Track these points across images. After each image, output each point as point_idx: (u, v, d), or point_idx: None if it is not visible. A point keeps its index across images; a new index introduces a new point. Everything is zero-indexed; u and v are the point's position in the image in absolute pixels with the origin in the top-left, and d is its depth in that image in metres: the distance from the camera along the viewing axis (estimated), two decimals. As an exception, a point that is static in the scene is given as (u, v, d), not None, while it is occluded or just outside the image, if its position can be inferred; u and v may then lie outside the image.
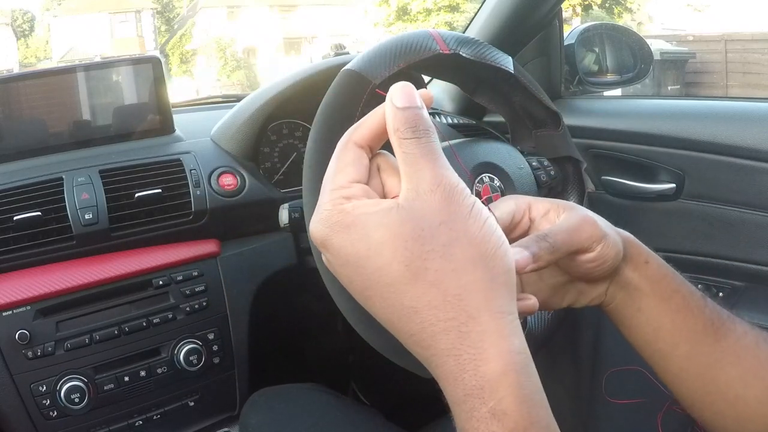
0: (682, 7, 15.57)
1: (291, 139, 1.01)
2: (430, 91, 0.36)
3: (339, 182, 0.34)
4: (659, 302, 0.46)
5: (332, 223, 0.33)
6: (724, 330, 0.46)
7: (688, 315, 0.46)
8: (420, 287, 0.31)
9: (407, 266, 0.31)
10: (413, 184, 0.32)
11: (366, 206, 0.33)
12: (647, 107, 1.06)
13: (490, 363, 0.30)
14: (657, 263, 0.48)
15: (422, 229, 0.31)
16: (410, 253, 0.31)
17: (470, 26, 1.18)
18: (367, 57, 0.60)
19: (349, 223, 0.32)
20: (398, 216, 0.32)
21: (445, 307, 0.31)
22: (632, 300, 0.47)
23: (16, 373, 0.76)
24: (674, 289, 0.47)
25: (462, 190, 0.33)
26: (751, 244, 0.90)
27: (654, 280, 0.47)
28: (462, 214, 0.32)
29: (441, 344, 0.31)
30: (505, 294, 0.32)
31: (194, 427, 0.91)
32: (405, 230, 0.31)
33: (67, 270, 0.81)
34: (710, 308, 0.47)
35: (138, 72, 0.97)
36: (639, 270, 0.47)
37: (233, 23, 18.66)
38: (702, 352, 0.45)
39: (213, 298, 0.88)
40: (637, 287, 0.47)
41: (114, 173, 0.87)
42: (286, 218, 0.82)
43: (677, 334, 0.46)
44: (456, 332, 0.30)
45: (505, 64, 0.65)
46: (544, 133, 0.70)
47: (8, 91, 0.91)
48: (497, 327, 0.31)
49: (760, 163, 0.87)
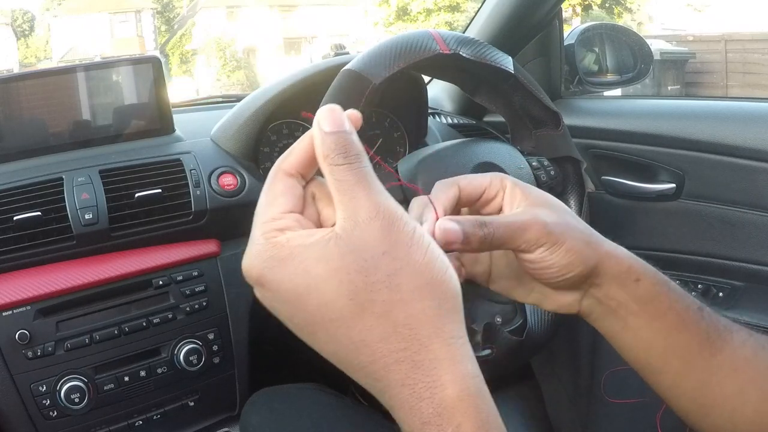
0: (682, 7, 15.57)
1: (291, 139, 1.01)
2: (357, 112, 0.35)
3: (270, 214, 0.33)
4: (650, 321, 0.44)
5: (266, 257, 0.32)
6: (721, 343, 0.44)
7: (683, 332, 0.44)
8: (368, 320, 0.30)
9: (352, 300, 0.30)
10: (350, 212, 0.31)
11: (301, 237, 0.31)
12: (647, 107, 1.06)
13: (446, 389, 0.30)
14: (650, 281, 0.44)
15: (365, 260, 0.30)
16: (354, 285, 0.30)
17: (470, 26, 1.18)
18: (367, 57, 0.60)
19: (284, 257, 0.31)
20: (338, 247, 0.30)
21: (396, 338, 0.30)
22: (616, 317, 0.45)
23: (16, 373, 0.76)
24: (668, 307, 0.44)
25: (401, 217, 0.32)
26: (751, 244, 0.90)
27: (645, 300, 0.44)
28: (404, 242, 0.31)
29: (394, 375, 0.30)
30: (455, 319, 0.32)
31: (194, 427, 0.91)
32: (347, 262, 0.30)
33: (67, 270, 0.81)
34: (707, 321, 0.44)
35: (138, 72, 0.97)
36: (626, 288, 0.44)
37: (233, 23, 18.67)
38: (697, 367, 0.44)
39: (213, 298, 0.88)
40: (622, 305, 0.44)
41: (114, 173, 0.87)
42: (286, 218, 0.82)
43: (670, 352, 0.44)
44: (409, 362, 0.30)
45: (505, 64, 0.66)
46: (544, 133, 0.70)
47: (8, 91, 0.91)
48: (450, 353, 0.31)
49: (760, 163, 0.87)
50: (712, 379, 0.43)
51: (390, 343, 0.30)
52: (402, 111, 1.06)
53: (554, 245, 0.42)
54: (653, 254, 1.00)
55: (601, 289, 0.44)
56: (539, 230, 0.42)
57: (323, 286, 0.30)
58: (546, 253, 0.42)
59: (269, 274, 0.32)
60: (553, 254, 0.42)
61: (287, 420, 0.77)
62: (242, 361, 0.91)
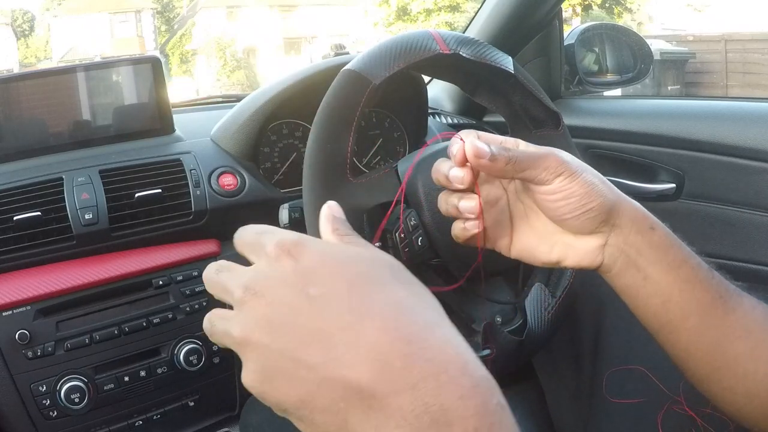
0: (682, 7, 15.58)
1: (291, 139, 1.01)
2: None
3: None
4: (667, 272, 0.45)
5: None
6: (733, 303, 0.45)
7: (697, 286, 0.45)
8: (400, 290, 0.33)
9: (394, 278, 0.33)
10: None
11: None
12: (647, 107, 1.06)
13: (476, 358, 0.30)
14: (663, 231, 0.47)
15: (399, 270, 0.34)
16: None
17: (470, 26, 1.18)
18: (367, 57, 0.60)
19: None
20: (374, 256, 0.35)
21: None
22: (637, 268, 0.46)
23: (16, 373, 0.76)
24: (682, 260, 0.46)
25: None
26: (751, 244, 0.90)
27: (660, 248, 0.46)
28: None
29: (435, 335, 0.30)
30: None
31: (194, 427, 0.91)
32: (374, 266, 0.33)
33: (67, 270, 0.81)
34: (718, 281, 0.46)
35: (138, 72, 0.97)
36: (643, 235, 0.46)
37: (233, 23, 18.67)
38: (711, 325, 0.45)
39: (213, 298, 0.88)
40: (641, 253, 0.46)
41: (114, 173, 0.87)
42: (286, 218, 0.82)
43: (686, 306, 0.45)
44: (444, 326, 0.31)
45: (505, 64, 0.66)
46: (544, 133, 0.70)
47: (8, 91, 0.91)
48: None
49: (760, 163, 0.87)
50: (725, 339, 0.44)
51: (427, 309, 0.31)
52: (402, 111, 1.06)
53: (572, 174, 0.44)
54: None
55: (621, 232, 0.46)
56: (557, 160, 0.45)
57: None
58: (565, 182, 0.44)
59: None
60: (572, 183, 0.44)
61: (287, 420, 0.77)
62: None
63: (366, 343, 0.28)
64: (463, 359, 0.28)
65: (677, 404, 0.63)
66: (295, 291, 0.30)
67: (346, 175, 0.57)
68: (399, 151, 1.07)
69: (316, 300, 0.30)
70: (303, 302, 0.30)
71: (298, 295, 0.30)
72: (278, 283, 0.31)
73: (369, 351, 0.28)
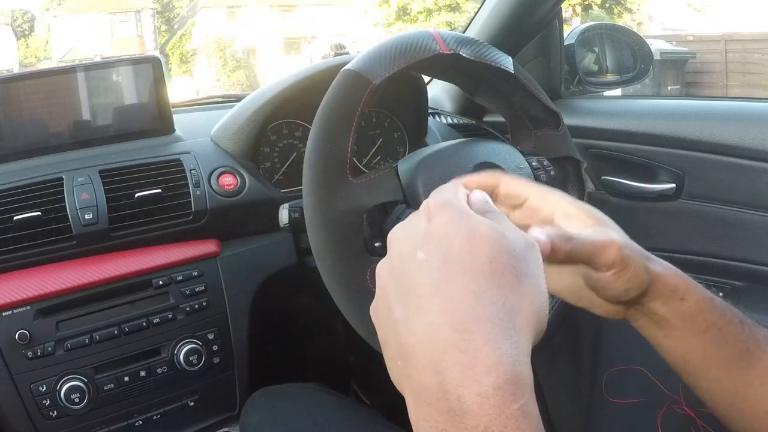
0: (682, 7, 15.57)
1: (291, 139, 1.01)
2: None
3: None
4: (691, 336, 0.46)
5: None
6: (759, 353, 0.45)
7: (722, 345, 0.45)
8: (491, 282, 0.33)
9: (491, 262, 0.33)
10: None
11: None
12: (647, 107, 1.06)
13: (523, 365, 0.30)
14: (695, 299, 0.45)
15: (515, 248, 0.34)
16: (498, 252, 0.34)
17: (470, 26, 1.18)
18: (367, 57, 0.60)
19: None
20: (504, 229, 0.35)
21: (501, 306, 0.32)
22: (659, 328, 0.47)
23: (16, 373, 0.76)
24: (711, 324, 0.45)
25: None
26: (751, 244, 0.90)
27: (687, 317, 0.46)
28: (541, 269, 0.36)
29: (484, 331, 0.31)
30: (526, 347, 0.34)
31: (194, 427, 0.91)
32: (505, 242, 0.34)
33: (67, 270, 0.81)
34: (746, 334, 0.46)
35: (138, 72, 0.97)
36: (670, 305, 0.46)
37: (233, 23, 18.67)
38: (733, 376, 0.45)
39: (213, 298, 0.88)
40: (664, 319, 0.46)
41: (114, 173, 0.87)
42: (286, 218, 0.82)
43: (708, 362, 0.46)
44: (501, 327, 0.31)
45: (505, 64, 0.65)
46: (544, 133, 0.70)
47: (8, 91, 0.91)
48: (529, 348, 0.33)
49: (760, 163, 0.87)
50: (748, 385, 0.45)
51: (496, 306, 0.31)
52: (402, 111, 1.06)
53: (623, 270, 0.44)
54: (653, 254, 0.99)
55: (646, 305, 0.46)
56: (616, 253, 0.44)
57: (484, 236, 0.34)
58: (614, 277, 0.44)
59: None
60: (620, 279, 0.44)
61: (287, 420, 0.77)
62: (242, 361, 0.91)
63: (424, 317, 0.32)
64: (497, 359, 0.29)
65: (677, 404, 0.63)
66: (409, 249, 0.34)
67: (346, 175, 0.57)
68: (399, 151, 1.07)
69: (417, 264, 0.33)
70: (409, 262, 0.34)
71: (409, 254, 0.34)
72: (405, 236, 0.36)
73: (425, 326, 0.31)
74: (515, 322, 0.32)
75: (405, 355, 0.32)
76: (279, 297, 1.05)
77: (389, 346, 0.34)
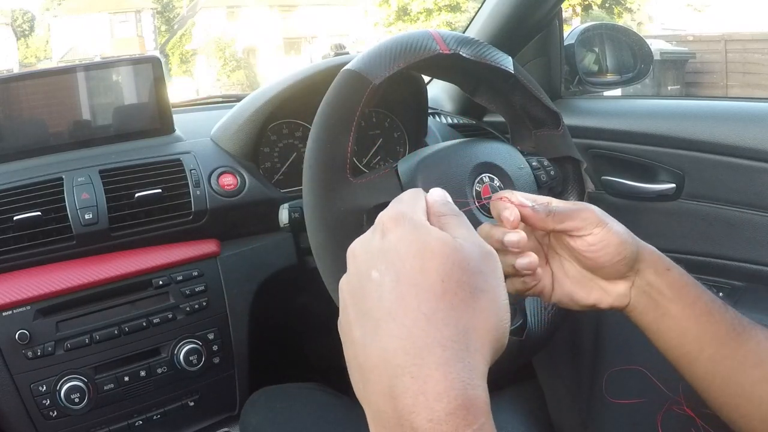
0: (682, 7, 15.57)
1: (291, 139, 1.01)
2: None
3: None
4: (684, 308, 0.50)
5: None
6: (746, 335, 0.49)
7: (711, 320, 0.49)
8: (442, 303, 0.32)
9: (443, 281, 0.33)
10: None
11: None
12: (647, 107, 1.06)
13: (477, 388, 0.30)
14: (678, 271, 0.51)
15: (468, 263, 0.34)
16: (450, 273, 0.33)
17: (470, 26, 1.18)
18: (367, 57, 0.60)
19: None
20: (458, 245, 0.35)
21: (455, 330, 0.32)
22: (657, 305, 0.51)
23: (16, 373, 0.76)
24: (697, 296, 0.50)
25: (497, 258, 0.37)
26: (751, 244, 0.90)
27: (677, 286, 0.50)
28: (497, 277, 0.35)
29: (433, 357, 0.30)
30: (488, 355, 0.34)
31: (194, 427, 0.91)
32: (457, 257, 0.34)
33: (67, 270, 0.81)
34: (731, 314, 0.50)
35: (138, 72, 0.97)
36: (661, 276, 0.51)
37: (233, 23, 18.66)
38: (726, 356, 0.48)
39: (213, 298, 0.88)
40: (660, 292, 0.50)
41: (114, 173, 0.87)
42: (286, 218, 0.82)
43: (702, 338, 0.49)
44: (453, 351, 0.31)
45: (505, 64, 0.66)
46: (544, 133, 0.70)
47: (8, 91, 0.91)
48: (484, 369, 0.33)
49: (760, 163, 0.87)
50: (740, 368, 0.48)
51: (449, 329, 0.31)
52: (402, 111, 1.06)
53: (606, 225, 0.50)
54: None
55: (643, 276, 0.51)
56: (592, 212, 0.50)
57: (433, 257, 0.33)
58: (603, 232, 0.50)
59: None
60: (609, 233, 0.50)
61: (287, 420, 0.78)
62: (242, 361, 0.91)
63: (378, 342, 0.32)
64: (448, 385, 0.29)
65: (677, 404, 0.63)
66: (364, 268, 0.35)
67: (346, 175, 0.57)
68: (399, 151, 1.07)
69: (373, 284, 0.33)
70: (365, 282, 0.34)
71: (365, 273, 0.34)
72: (362, 254, 0.36)
73: (379, 351, 0.31)
74: (469, 344, 0.31)
75: (364, 378, 0.32)
76: (279, 297, 1.05)
77: (351, 367, 0.34)
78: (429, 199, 0.39)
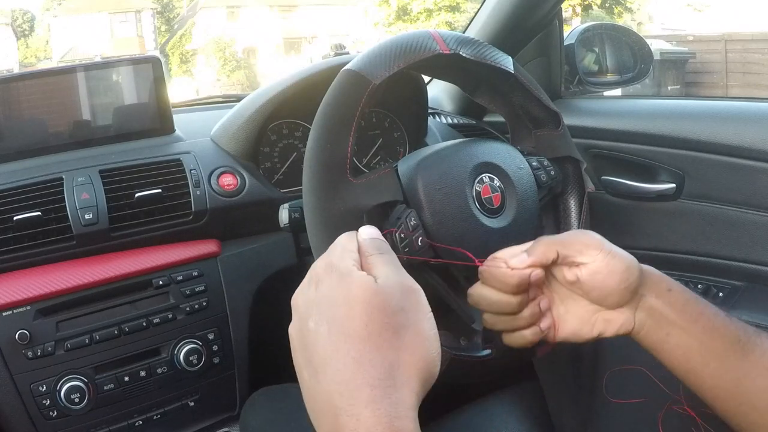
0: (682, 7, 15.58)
1: (291, 139, 1.01)
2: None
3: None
4: (686, 326, 0.50)
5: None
6: (751, 345, 0.49)
7: (714, 335, 0.50)
8: (368, 345, 0.36)
9: (367, 325, 0.36)
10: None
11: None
12: (647, 107, 1.06)
13: (404, 419, 0.34)
14: (679, 290, 0.52)
15: (388, 305, 0.37)
16: (372, 318, 0.37)
17: (470, 26, 1.18)
18: (367, 57, 0.60)
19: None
20: (377, 289, 0.38)
21: (382, 369, 0.35)
22: (660, 327, 0.51)
23: (16, 373, 0.76)
24: (699, 312, 0.50)
25: (422, 293, 0.40)
26: (751, 244, 0.90)
27: (679, 306, 0.51)
28: (421, 312, 0.38)
29: (364, 395, 0.34)
30: (415, 389, 0.37)
31: (194, 427, 0.91)
32: (377, 301, 0.37)
33: (67, 270, 0.81)
34: (735, 325, 0.50)
35: (138, 72, 0.97)
36: (662, 298, 0.51)
37: (233, 23, 18.66)
38: (731, 367, 0.49)
39: (213, 298, 0.88)
40: (663, 314, 0.51)
41: (114, 173, 0.87)
42: (286, 218, 0.82)
43: (706, 354, 0.49)
44: (381, 389, 0.34)
45: (505, 64, 0.66)
46: (544, 133, 0.70)
47: (8, 91, 0.91)
48: (414, 403, 0.36)
49: (760, 163, 0.87)
50: (746, 378, 0.48)
51: (375, 369, 0.35)
52: (402, 111, 1.06)
53: (609, 252, 0.50)
54: (653, 254, 1.00)
55: (646, 300, 0.51)
56: (592, 238, 0.51)
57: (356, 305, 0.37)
58: (608, 258, 0.50)
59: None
60: (613, 259, 0.50)
61: (287, 420, 0.78)
62: (242, 361, 0.91)
63: (320, 386, 0.36)
64: (376, 420, 0.33)
65: (677, 404, 0.63)
66: (303, 318, 0.38)
67: (346, 175, 0.56)
68: (399, 151, 1.07)
69: (311, 334, 0.37)
70: (305, 331, 0.38)
71: (304, 323, 0.38)
72: (300, 304, 0.40)
73: (322, 395, 0.35)
74: (396, 379, 0.35)
75: (314, 416, 0.36)
76: (279, 297, 1.04)
77: (307, 405, 0.38)
78: (359, 238, 0.42)
